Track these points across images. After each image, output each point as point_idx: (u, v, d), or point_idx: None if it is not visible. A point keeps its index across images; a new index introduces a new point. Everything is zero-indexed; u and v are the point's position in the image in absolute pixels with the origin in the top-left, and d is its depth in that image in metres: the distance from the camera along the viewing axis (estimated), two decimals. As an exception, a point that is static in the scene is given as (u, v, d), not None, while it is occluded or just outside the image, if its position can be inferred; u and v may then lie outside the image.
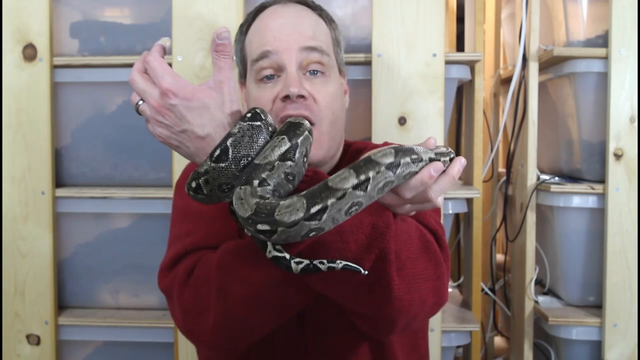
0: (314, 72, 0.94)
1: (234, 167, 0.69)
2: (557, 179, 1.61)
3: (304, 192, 0.66)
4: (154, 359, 1.56)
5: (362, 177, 0.66)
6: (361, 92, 1.45)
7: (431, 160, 0.72)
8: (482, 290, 1.76)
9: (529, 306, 1.61)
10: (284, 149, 0.69)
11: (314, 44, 0.94)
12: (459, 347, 1.70)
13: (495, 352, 1.97)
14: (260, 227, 0.64)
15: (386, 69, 1.42)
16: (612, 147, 1.49)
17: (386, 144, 0.94)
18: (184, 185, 0.91)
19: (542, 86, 1.62)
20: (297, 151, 0.70)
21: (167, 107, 0.71)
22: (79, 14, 1.54)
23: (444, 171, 0.72)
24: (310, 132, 0.74)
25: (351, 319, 0.85)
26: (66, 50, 1.51)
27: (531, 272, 1.61)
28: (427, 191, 0.72)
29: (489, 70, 2.02)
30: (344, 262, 0.70)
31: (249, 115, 0.71)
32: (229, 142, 0.69)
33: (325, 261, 0.70)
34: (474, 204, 1.57)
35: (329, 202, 0.64)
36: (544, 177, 1.61)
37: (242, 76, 1.03)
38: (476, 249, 1.57)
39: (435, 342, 1.45)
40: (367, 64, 1.44)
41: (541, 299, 1.62)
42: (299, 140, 0.71)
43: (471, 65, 1.53)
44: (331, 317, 0.91)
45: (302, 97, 0.91)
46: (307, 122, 0.74)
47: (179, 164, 1.43)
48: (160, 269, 0.91)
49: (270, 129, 0.72)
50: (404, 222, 0.77)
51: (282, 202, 0.64)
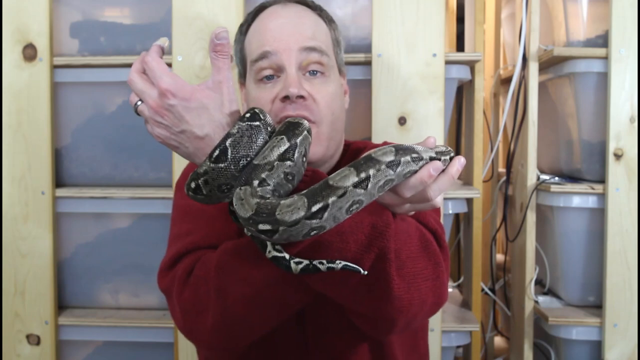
0: (314, 73, 0.94)
1: (233, 167, 0.69)
2: (557, 179, 1.61)
3: (305, 191, 0.66)
4: (154, 359, 1.56)
5: (363, 175, 0.66)
6: (361, 92, 1.45)
7: (431, 159, 0.72)
8: (482, 290, 1.76)
9: (529, 306, 1.61)
10: (283, 149, 0.69)
11: (313, 45, 0.94)
12: (459, 347, 1.70)
13: (495, 352, 1.97)
14: (261, 227, 0.64)
15: (386, 69, 1.42)
16: (612, 147, 1.49)
17: (385, 143, 0.94)
18: (184, 185, 0.92)
19: (542, 86, 1.62)
20: (296, 151, 0.70)
21: (166, 108, 0.71)
22: (79, 14, 1.54)
23: (443, 170, 0.72)
24: (309, 132, 0.74)
25: (351, 318, 0.85)
26: (66, 50, 1.52)
27: (531, 272, 1.61)
28: (427, 190, 0.72)
29: (489, 70, 2.02)
30: (344, 263, 0.70)
31: (247, 115, 0.71)
32: (228, 143, 0.69)
33: (324, 261, 0.70)
34: (474, 204, 1.57)
35: (330, 200, 0.64)
36: (544, 177, 1.61)
37: (242, 76, 1.03)
38: (476, 249, 1.57)
39: (435, 342, 1.45)
40: (367, 64, 1.44)
41: (541, 299, 1.62)
42: (298, 140, 0.71)
43: (471, 65, 1.53)
44: (331, 316, 0.91)
45: (301, 97, 0.90)
46: (306, 122, 0.74)
47: (179, 164, 1.43)
48: (160, 269, 0.91)
49: (269, 129, 0.72)
50: (404, 221, 0.77)
51: (282, 202, 0.64)
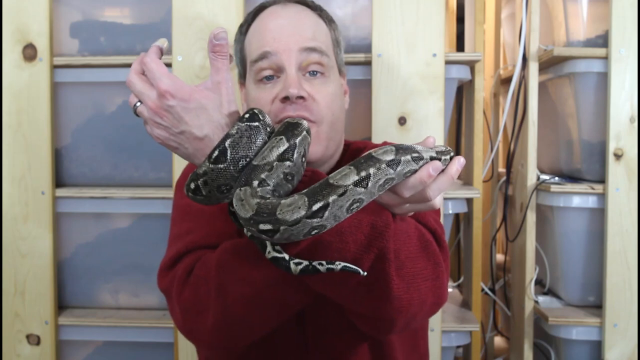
0: (314, 73, 0.94)
1: (232, 168, 0.69)
2: (557, 179, 1.61)
3: (305, 190, 0.66)
4: (154, 359, 1.56)
5: (363, 174, 0.66)
6: (361, 92, 1.45)
7: (432, 159, 0.71)
8: (482, 290, 1.76)
9: (529, 306, 1.61)
10: (282, 149, 0.69)
11: (313, 45, 0.94)
12: (459, 347, 1.70)
13: (495, 352, 1.97)
14: (262, 226, 0.64)
15: (386, 69, 1.42)
16: (612, 147, 1.49)
17: (385, 143, 0.94)
18: (184, 184, 0.92)
19: (542, 86, 1.62)
20: (296, 151, 0.70)
21: (165, 109, 0.71)
22: (79, 14, 1.54)
23: (443, 170, 0.72)
24: (308, 132, 0.74)
25: (351, 319, 0.85)
26: (66, 50, 1.52)
27: (531, 272, 1.61)
28: (426, 190, 0.72)
29: (489, 70, 2.02)
30: (343, 264, 0.70)
31: (247, 116, 0.71)
32: (227, 143, 0.69)
33: (324, 262, 0.70)
34: (474, 204, 1.57)
35: (331, 199, 0.64)
36: (544, 177, 1.61)
37: (242, 76, 1.03)
38: (476, 249, 1.57)
39: (435, 342, 1.45)
40: (367, 64, 1.44)
41: (541, 299, 1.62)
42: (297, 140, 0.71)
43: (471, 65, 1.53)
44: (331, 316, 0.91)
45: (301, 98, 0.90)
46: (305, 122, 0.74)
47: (179, 164, 1.43)
48: (160, 269, 0.91)
49: (268, 129, 0.72)
50: (403, 221, 0.77)
51: (283, 201, 0.64)
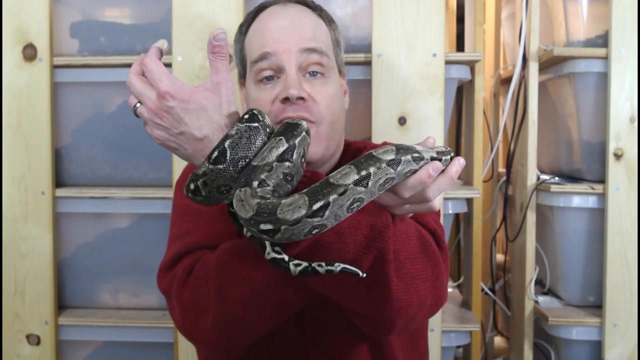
0: (314, 74, 0.94)
1: (232, 168, 0.69)
2: (557, 179, 1.61)
3: (306, 190, 0.66)
4: (154, 359, 1.56)
5: (364, 173, 0.66)
6: (361, 92, 1.45)
7: (432, 159, 0.72)
8: (482, 290, 1.76)
9: (529, 306, 1.61)
10: (281, 149, 0.69)
11: (313, 46, 0.93)
12: (459, 347, 1.70)
13: (495, 352, 1.97)
14: (263, 226, 0.64)
15: (386, 69, 1.42)
16: (612, 147, 1.49)
17: (385, 143, 0.94)
18: (184, 185, 0.92)
19: (542, 86, 1.62)
20: (295, 152, 0.70)
21: (165, 110, 0.71)
22: (79, 14, 1.54)
23: (443, 171, 0.72)
24: (307, 133, 0.74)
25: (350, 319, 0.85)
26: (66, 50, 1.52)
27: (531, 272, 1.61)
28: (425, 191, 0.72)
29: (489, 70, 2.02)
30: (342, 265, 0.70)
31: (246, 116, 0.71)
32: (226, 144, 0.69)
33: (323, 264, 0.70)
34: (474, 204, 1.57)
35: (331, 198, 0.64)
36: (544, 177, 1.61)
37: (242, 76, 1.03)
38: (476, 249, 1.57)
39: (435, 342, 1.45)
40: (367, 64, 1.44)
41: (541, 299, 1.62)
42: (297, 141, 0.71)
43: (471, 65, 1.53)
44: (330, 316, 0.91)
45: (301, 99, 0.90)
46: (304, 123, 0.74)
47: (179, 164, 1.43)
48: (159, 269, 0.91)
49: (267, 130, 0.72)
50: (403, 222, 0.77)
51: (283, 201, 0.64)
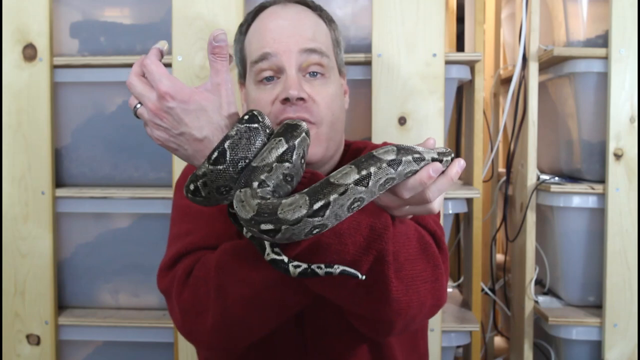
0: (314, 74, 0.94)
1: (231, 169, 0.69)
2: (557, 179, 1.61)
3: (306, 190, 0.66)
4: (154, 359, 1.56)
5: (364, 173, 0.66)
6: (361, 92, 1.45)
7: (433, 160, 0.71)
8: (482, 290, 1.76)
9: (529, 306, 1.61)
10: (281, 150, 0.69)
11: (313, 46, 0.93)
12: (459, 347, 1.70)
13: (495, 352, 1.97)
14: (263, 227, 0.64)
15: (386, 69, 1.42)
16: (612, 147, 1.49)
17: (385, 144, 0.94)
18: (183, 185, 0.92)
19: (542, 86, 1.62)
20: (295, 153, 0.70)
21: (165, 110, 0.71)
22: (79, 14, 1.54)
23: (443, 172, 0.72)
24: (307, 133, 0.74)
25: (350, 320, 0.85)
26: (66, 50, 1.52)
27: (531, 272, 1.61)
28: (425, 192, 0.72)
29: (489, 70, 2.02)
30: (342, 268, 0.70)
31: (246, 117, 0.71)
32: (226, 145, 0.69)
33: (322, 266, 0.70)
34: (474, 204, 1.57)
35: (332, 197, 0.64)
36: (544, 177, 1.61)
37: (242, 77, 1.03)
38: (476, 249, 1.57)
39: (435, 342, 1.45)
40: (367, 64, 1.44)
41: (541, 299, 1.62)
42: (296, 141, 0.71)
43: (471, 65, 1.53)
44: (330, 317, 0.91)
45: (301, 99, 0.90)
46: (304, 124, 0.74)
47: (179, 164, 1.43)
48: (159, 269, 0.91)
49: (267, 131, 0.72)
50: (403, 223, 0.77)
51: (284, 201, 0.64)
